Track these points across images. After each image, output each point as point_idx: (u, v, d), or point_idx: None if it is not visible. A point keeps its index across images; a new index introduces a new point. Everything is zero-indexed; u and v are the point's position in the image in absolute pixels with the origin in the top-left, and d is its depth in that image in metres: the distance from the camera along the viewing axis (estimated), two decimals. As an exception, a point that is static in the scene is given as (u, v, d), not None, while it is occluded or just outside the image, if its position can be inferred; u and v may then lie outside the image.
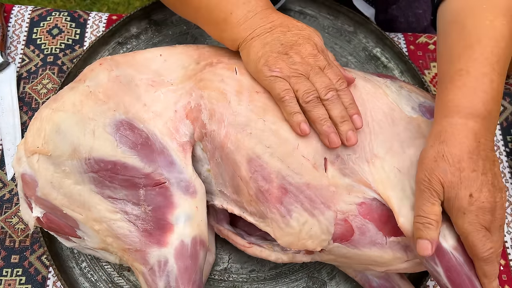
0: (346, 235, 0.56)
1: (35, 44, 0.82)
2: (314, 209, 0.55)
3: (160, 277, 0.52)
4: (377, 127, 0.57)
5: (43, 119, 0.55)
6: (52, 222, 0.56)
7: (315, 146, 0.55)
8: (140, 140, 0.55)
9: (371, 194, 0.56)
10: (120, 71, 0.59)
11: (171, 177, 0.55)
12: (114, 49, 0.79)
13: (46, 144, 0.54)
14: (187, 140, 0.58)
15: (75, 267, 0.66)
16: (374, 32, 0.82)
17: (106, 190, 0.54)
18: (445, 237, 0.52)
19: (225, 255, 0.69)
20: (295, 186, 0.54)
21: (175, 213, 0.54)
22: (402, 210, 0.54)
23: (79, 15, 0.84)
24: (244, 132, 0.55)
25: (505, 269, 0.71)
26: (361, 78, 0.60)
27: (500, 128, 0.80)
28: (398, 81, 0.63)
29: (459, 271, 0.52)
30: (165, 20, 0.82)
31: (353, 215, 0.55)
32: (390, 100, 0.59)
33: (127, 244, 0.53)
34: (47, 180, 0.54)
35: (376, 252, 0.56)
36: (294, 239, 0.56)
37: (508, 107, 0.81)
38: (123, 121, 0.55)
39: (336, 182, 0.55)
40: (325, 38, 0.83)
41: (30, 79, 0.79)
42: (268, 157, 0.54)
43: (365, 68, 0.81)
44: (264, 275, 0.68)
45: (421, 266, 0.58)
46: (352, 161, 0.56)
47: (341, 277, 0.68)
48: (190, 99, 0.58)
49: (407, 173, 0.55)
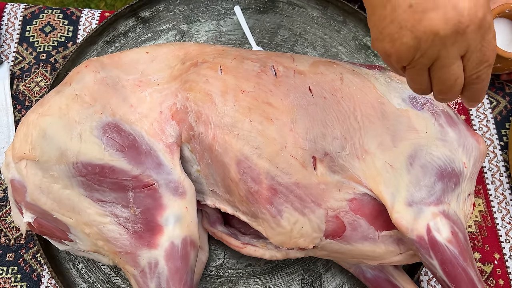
0: (338, 232, 0.56)
1: (28, 42, 0.81)
2: (304, 208, 0.54)
3: (151, 279, 0.52)
4: (367, 122, 0.56)
5: (29, 124, 0.55)
6: (43, 227, 0.56)
7: (303, 144, 0.55)
8: (127, 142, 0.55)
9: (362, 189, 0.55)
10: (106, 73, 0.59)
11: (159, 179, 0.55)
12: (103, 48, 0.79)
13: (34, 150, 0.54)
14: (173, 141, 0.57)
15: (72, 269, 0.67)
16: (363, 21, 0.80)
17: (95, 193, 0.54)
18: (439, 230, 0.52)
19: (220, 251, 0.69)
20: (285, 186, 0.54)
21: (164, 215, 0.54)
22: (396, 205, 0.54)
23: (71, 12, 0.84)
24: (231, 134, 0.55)
25: (499, 263, 0.70)
26: (349, 72, 0.59)
27: (494, 122, 0.79)
28: (387, 71, 0.62)
29: (454, 263, 0.52)
30: (153, 17, 0.81)
31: (344, 211, 0.55)
32: (379, 93, 0.58)
33: (118, 247, 0.53)
34: (35, 185, 0.54)
35: (368, 247, 0.56)
36: (286, 238, 0.55)
37: (501, 102, 0.81)
38: (110, 124, 0.55)
39: (326, 179, 0.55)
40: (314, 29, 0.82)
41: (23, 77, 0.79)
42: (256, 158, 0.54)
43: (355, 58, 0.80)
44: (260, 269, 0.68)
45: (415, 257, 0.58)
46: (342, 158, 0.55)
47: (336, 269, 0.68)
48: (176, 100, 0.58)
49: (399, 168, 0.55)
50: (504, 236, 0.72)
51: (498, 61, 0.74)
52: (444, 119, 0.57)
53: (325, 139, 0.55)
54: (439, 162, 0.55)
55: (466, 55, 0.39)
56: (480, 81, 0.41)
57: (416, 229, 0.52)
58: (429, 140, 0.56)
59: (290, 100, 0.56)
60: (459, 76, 0.40)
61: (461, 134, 0.57)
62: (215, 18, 0.82)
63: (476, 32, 0.38)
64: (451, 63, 0.39)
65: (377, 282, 0.63)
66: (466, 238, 0.54)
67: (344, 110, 0.56)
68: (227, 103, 0.56)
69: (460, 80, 0.41)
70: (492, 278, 0.70)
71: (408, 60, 0.40)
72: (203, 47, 0.63)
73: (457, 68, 0.40)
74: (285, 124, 0.55)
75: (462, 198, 0.57)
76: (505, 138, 0.78)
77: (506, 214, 0.73)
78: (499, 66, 0.75)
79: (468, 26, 0.37)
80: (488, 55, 0.40)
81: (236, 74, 0.58)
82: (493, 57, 0.40)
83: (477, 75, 0.41)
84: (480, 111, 0.80)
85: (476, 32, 0.38)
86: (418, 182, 0.54)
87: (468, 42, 0.38)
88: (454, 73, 0.40)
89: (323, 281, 0.67)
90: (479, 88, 0.42)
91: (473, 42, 0.38)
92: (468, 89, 0.42)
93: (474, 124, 0.79)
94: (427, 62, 0.40)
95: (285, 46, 0.81)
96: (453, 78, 0.40)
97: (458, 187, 0.56)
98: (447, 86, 0.41)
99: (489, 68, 0.41)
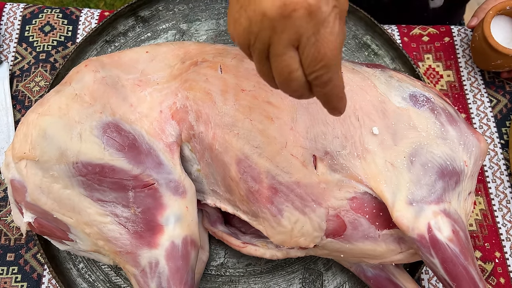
0: (339, 231, 0.56)
1: (28, 41, 0.81)
2: (305, 207, 0.54)
3: (151, 278, 0.52)
4: (367, 121, 0.56)
5: (29, 124, 0.55)
6: (43, 227, 0.56)
7: (304, 143, 0.54)
8: (127, 142, 0.54)
9: (362, 188, 0.55)
10: (106, 72, 0.59)
11: (159, 178, 0.55)
12: (102, 48, 0.79)
13: (33, 150, 0.53)
14: (174, 140, 0.57)
15: (73, 268, 0.67)
16: (363, 20, 0.80)
17: (95, 193, 0.53)
18: (440, 229, 0.52)
19: (221, 250, 0.69)
20: (285, 185, 0.54)
21: (165, 214, 0.54)
22: (397, 204, 0.53)
23: (71, 12, 0.83)
24: (232, 133, 0.55)
25: (500, 262, 0.70)
26: (349, 71, 0.59)
27: (495, 121, 0.79)
28: (387, 70, 0.62)
29: (455, 262, 0.52)
30: (152, 16, 0.81)
31: (344, 210, 0.55)
32: (380, 92, 0.58)
33: (118, 247, 0.53)
34: (36, 185, 0.54)
35: (369, 246, 0.56)
36: (287, 237, 0.55)
37: (502, 100, 0.81)
38: (109, 123, 0.55)
39: (326, 178, 0.55)
40: (315, 28, 0.81)
41: (23, 77, 0.79)
42: (257, 157, 0.54)
43: (355, 57, 0.80)
44: (260, 268, 0.68)
45: (416, 256, 0.58)
46: (343, 157, 0.55)
47: (337, 267, 0.68)
48: (176, 99, 0.58)
49: (400, 166, 0.55)
50: (505, 234, 0.72)
51: (498, 58, 0.74)
52: (445, 118, 0.57)
53: (326, 138, 0.55)
54: (439, 160, 0.55)
55: (300, 47, 0.35)
56: (322, 85, 0.37)
57: (417, 228, 0.52)
58: (429, 139, 0.55)
59: (290, 99, 0.56)
60: (294, 69, 0.36)
61: (462, 132, 0.57)
62: (215, 17, 0.82)
63: (305, 19, 0.34)
64: (282, 53, 0.36)
65: (378, 281, 0.63)
66: (467, 237, 0.54)
67: (344, 109, 0.56)
68: (227, 102, 0.55)
69: (296, 75, 0.36)
70: (493, 277, 0.70)
71: (246, 44, 0.37)
72: (203, 46, 0.63)
73: (289, 59, 0.36)
74: (285, 123, 0.55)
75: (463, 196, 0.57)
76: (506, 137, 0.78)
77: (507, 213, 0.73)
78: (500, 63, 0.75)
79: (295, 10, 0.34)
80: (323, 53, 0.35)
81: (236, 73, 0.57)
82: (331, 59, 0.36)
83: (315, 75, 0.36)
84: (480, 109, 0.80)
85: (305, 20, 0.34)
86: (419, 181, 0.54)
87: (297, 30, 0.34)
88: (287, 65, 0.36)
89: (323, 280, 0.67)
90: (326, 93, 0.38)
91: (304, 32, 0.34)
92: (315, 91, 0.38)
93: (474, 122, 0.79)
94: (261, 48, 0.36)
95: (285, 45, 0.80)
96: (286, 70, 0.36)
97: (459, 185, 0.56)
98: (282, 79, 0.37)
99: (328, 71, 0.36)
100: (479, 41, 0.76)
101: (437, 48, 0.84)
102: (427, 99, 0.58)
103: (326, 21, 0.34)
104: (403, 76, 0.62)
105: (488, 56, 0.75)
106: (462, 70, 0.82)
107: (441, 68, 0.82)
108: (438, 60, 0.83)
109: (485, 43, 0.74)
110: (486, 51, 0.75)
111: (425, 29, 0.85)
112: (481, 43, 0.75)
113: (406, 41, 0.84)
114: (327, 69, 0.36)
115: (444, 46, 0.84)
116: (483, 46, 0.75)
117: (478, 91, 0.81)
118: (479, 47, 0.77)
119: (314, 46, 0.35)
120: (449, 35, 0.84)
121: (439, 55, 0.83)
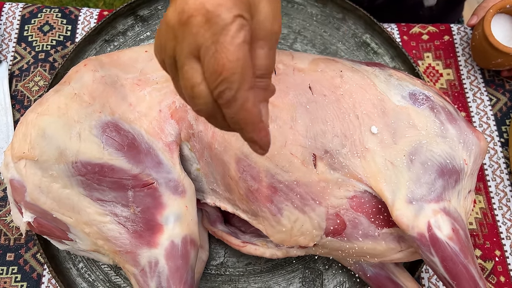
0: (339, 229, 0.56)
1: (27, 41, 0.81)
2: (304, 206, 0.54)
3: (151, 278, 0.52)
4: (367, 120, 0.56)
5: (28, 123, 0.55)
6: (43, 226, 0.56)
7: (303, 142, 0.54)
8: (126, 141, 0.54)
9: (362, 187, 0.55)
10: (105, 71, 0.58)
11: (159, 178, 0.54)
12: (101, 47, 0.79)
13: (33, 149, 0.53)
14: (173, 140, 0.57)
15: (72, 268, 0.67)
16: (362, 18, 0.80)
17: (94, 192, 0.53)
18: (440, 227, 0.52)
19: (221, 249, 0.69)
20: (285, 184, 0.54)
21: (164, 214, 0.54)
22: (396, 203, 0.53)
23: (70, 11, 0.83)
24: (231, 132, 0.54)
25: (500, 260, 0.70)
26: (349, 69, 0.59)
27: (494, 119, 0.79)
28: (387, 68, 0.62)
29: (455, 260, 0.51)
30: (152, 15, 0.81)
31: (344, 209, 0.55)
32: (379, 90, 0.58)
33: (118, 246, 0.53)
34: (35, 185, 0.54)
35: (369, 245, 0.56)
36: (286, 236, 0.55)
37: (501, 98, 0.80)
38: (109, 123, 0.55)
39: (326, 177, 0.54)
40: (313, 27, 0.81)
41: (22, 77, 0.79)
42: (256, 156, 0.54)
43: (355, 56, 0.80)
44: (260, 267, 0.68)
45: (416, 254, 0.58)
46: (342, 155, 0.55)
47: (337, 266, 0.68)
48: (175, 98, 0.58)
49: (400, 165, 0.55)
50: (505, 233, 0.72)
51: (499, 57, 0.74)
52: (445, 116, 0.57)
53: (325, 137, 0.55)
54: (439, 159, 0.55)
55: (201, 58, 0.32)
56: (226, 104, 0.33)
57: (417, 226, 0.52)
58: (429, 137, 0.55)
59: (289, 98, 0.56)
60: (196, 83, 0.33)
61: (462, 130, 0.57)
62: (214, 16, 0.82)
63: (203, 26, 0.31)
64: (183, 63, 0.33)
65: (378, 280, 0.63)
66: (467, 235, 0.54)
67: (344, 107, 0.56)
68: (227, 101, 0.55)
69: (198, 90, 0.33)
70: (493, 275, 0.70)
71: (161, 60, 0.35)
72: (202, 45, 0.63)
73: (191, 71, 0.33)
74: (285, 122, 0.55)
75: (463, 195, 0.57)
76: (505, 135, 0.78)
77: (506, 211, 0.73)
78: (500, 61, 0.75)
79: (192, 16, 0.31)
80: (222, 65, 0.31)
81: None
82: (232, 72, 0.31)
83: (218, 92, 0.32)
84: (480, 108, 0.80)
85: (203, 27, 0.31)
86: (418, 179, 0.54)
87: (196, 38, 0.32)
88: (189, 78, 0.33)
89: (323, 279, 0.67)
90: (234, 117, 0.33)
91: (203, 41, 0.32)
92: (224, 114, 0.34)
93: (474, 121, 0.79)
94: (169, 61, 0.34)
95: (284, 43, 0.80)
96: (189, 84, 0.33)
97: (459, 184, 0.56)
98: (187, 94, 0.34)
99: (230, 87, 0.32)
100: (479, 39, 0.76)
101: (436, 47, 0.84)
102: (426, 97, 0.58)
103: (226, 29, 0.31)
104: (402, 74, 0.62)
105: (489, 54, 0.75)
106: (462, 68, 0.82)
107: (441, 67, 0.82)
108: (437, 58, 0.83)
109: (486, 42, 0.74)
110: (486, 49, 0.75)
111: (424, 27, 0.84)
112: (482, 41, 0.75)
113: (406, 40, 0.84)
114: (228, 84, 0.32)
115: (443, 44, 0.84)
116: (483, 45, 0.75)
117: (478, 90, 0.81)
118: (479, 46, 0.76)
119: (213, 57, 0.31)
120: (448, 34, 0.84)
121: (439, 54, 0.83)
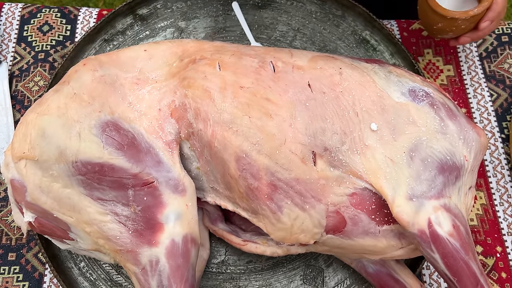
0: (339, 227, 0.56)
1: (26, 41, 0.81)
2: (304, 204, 0.54)
3: (152, 276, 0.52)
4: (366, 117, 0.56)
5: (28, 123, 0.55)
6: (43, 226, 0.56)
7: (303, 140, 0.54)
8: (126, 141, 0.54)
9: (362, 184, 0.55)
10: (104, 71, 0.59)
11: (159, 176, 0.55)
12: (101, 47, 0.79)
13: (33, 149, 0.54)
14: (173, 138, 0.57)
15: (74, 267, 0.67)
16: (362, 15, 0.80)
17: (95, 192, 0.53)
18: (440, 224, 0.52)
19: (221, 247, 0.69)
20: (285, 182, 0.54)
21: (164, 212, 0.54)
22: (397, 199, 0.53)
23: (69, 11, 0.83)
24: (230, 130, 0.54)
25: (501, 256, 0.70)
26: (348, 66, 0.59)
27: (495, 115, 0.79)
28: (386, 65, 0.62)
29: (455, 256, 0.51)
30: (151, 15, 0.81)
31: (344, 206, 0.55)
32: (379, 87, 0.58)
33: (119, 245, 0.53)
34: (35, 184, 0.54)
35: (369, 242, 0.56)
36: (287, 234, 0.55)
37: (502, 94, 0.80)
38: (108, 122, 0.55)
39: (326, 174, 0.54)
40: (312, 24, 0.81)
41: (22, 77, 0.79)
42: (256, 154, 0.54)
43: (355, 53, 0.80)
44: (261, 265, 0.68)
45: (416, 251, 0.58)
46: (342, 153, 0.55)
47: (338, 264, 0.68)
48: (175, 97, 0.58)
49: (400, 162, 0.55)
50: (506, 229, 0.72)
51: (439, 21, 0.69)
52: (445, 112, 0.57)
53: (325, 134, 0.55)
54: (439, 155, 0.55)
55: None
56: None
57: (417, 223, 0.52)
58: (429, 134, 0.55)
59: (289, 95, 0.56)
60: None
61: (462, 127, 0.57)
62: (213, 15, 0.82)
63: None
64: None
65: (379, 277, 0.63)
66: (467, 232, 0.54)
67: (343, 104, 0.56)
68: (226, 100, 0.55)
69: None
70: (494, 271, 0.70)
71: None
72: (201, 43, 0.63)
73: None
74: (284, 120, 0.55)
75: (463, 191, 0.57)
76: (506, 131, 0.78)
77: (508, 207, 0.73)
78: (441, 26, 0.70)
79: None
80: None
81: (234, 70, 0.57)
82: None
83: None
84: (480, 104, 0.80)
85: None
86: (418, 176, 0.54)
87: None
88: None
89: (324, 277, 0.67)
90: None
91: None
92: None
93: (475, 117, 0.79)
94: None
95: (283, 41, 0.80)
96: None
97: (459, 180, 0.56)
98: None
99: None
100: (422, 2, 0.71)
101: (436, 43, 0.83)
102: (426, 94, 0.58)
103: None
104: (402, 71, 0.62)
105: (430, 19, 0.70)
106: (462, 64, 0.82)
107: (441, 63, 0.82)
108: (438, 54, 0.83)
109: (426, 4, 0.69)
110: (427, 13, 0.70)
111: (424, 24, 0.84)
112: (423, 4, 0.71)
113: (406, 36, 0.83)
114: None
115: (444, 40, 0.83)
116: (424, 8, 0.70)
117: (478, 86, 0.81)
118: (422, 10, 0.72)
119: None
120: (448, 30, 0.84)
121: (439, 50, 0.83)
